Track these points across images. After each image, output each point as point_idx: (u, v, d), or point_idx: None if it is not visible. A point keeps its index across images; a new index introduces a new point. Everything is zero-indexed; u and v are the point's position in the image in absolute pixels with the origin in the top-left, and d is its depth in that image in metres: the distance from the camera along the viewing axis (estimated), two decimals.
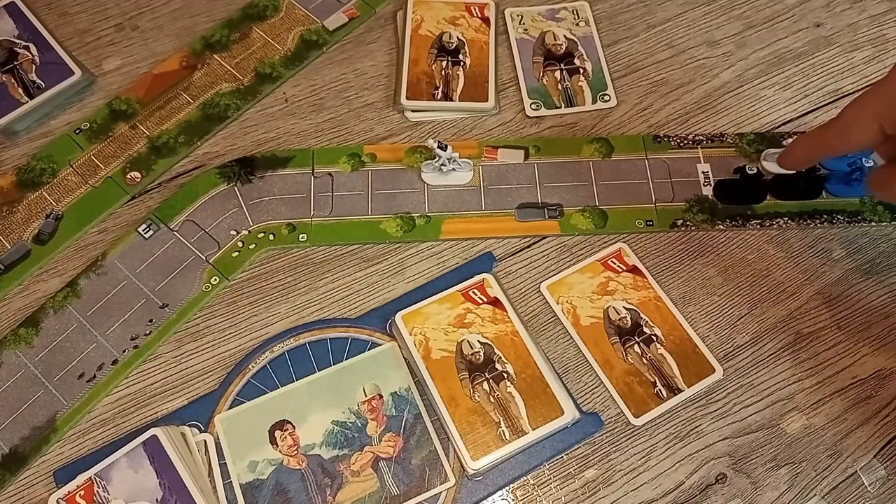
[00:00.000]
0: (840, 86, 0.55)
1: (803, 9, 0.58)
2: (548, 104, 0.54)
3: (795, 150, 0.45)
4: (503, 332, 0.45)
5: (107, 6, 0.59)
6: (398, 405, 0.44)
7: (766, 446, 0.43)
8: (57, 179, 0.51)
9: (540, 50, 0.56)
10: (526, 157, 0.52)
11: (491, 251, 0.49)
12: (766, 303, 0.47)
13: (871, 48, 0.56)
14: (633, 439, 0.44)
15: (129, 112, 0.54)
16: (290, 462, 0.43)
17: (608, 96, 0.54)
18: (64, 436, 0.44)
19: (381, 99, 0.55)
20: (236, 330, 0.47)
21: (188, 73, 0.55)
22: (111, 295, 0.47)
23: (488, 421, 0.43)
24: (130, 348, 0.46)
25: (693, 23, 0.58)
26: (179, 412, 0.44)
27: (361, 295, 0.48)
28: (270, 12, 0.58)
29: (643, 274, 0.48)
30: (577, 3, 0.58)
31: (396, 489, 0.42)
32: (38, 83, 0.53)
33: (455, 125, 0.54)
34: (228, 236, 0.49)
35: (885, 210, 0.49)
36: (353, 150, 0.52)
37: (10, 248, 0.49)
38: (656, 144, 0.52)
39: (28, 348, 0.46)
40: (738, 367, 0.45)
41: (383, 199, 0.50)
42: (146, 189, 0.52)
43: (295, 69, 0.56)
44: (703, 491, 0.42)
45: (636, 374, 0.45)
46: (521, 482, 0.43)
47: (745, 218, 0.49)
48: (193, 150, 0.53)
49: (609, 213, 0.50)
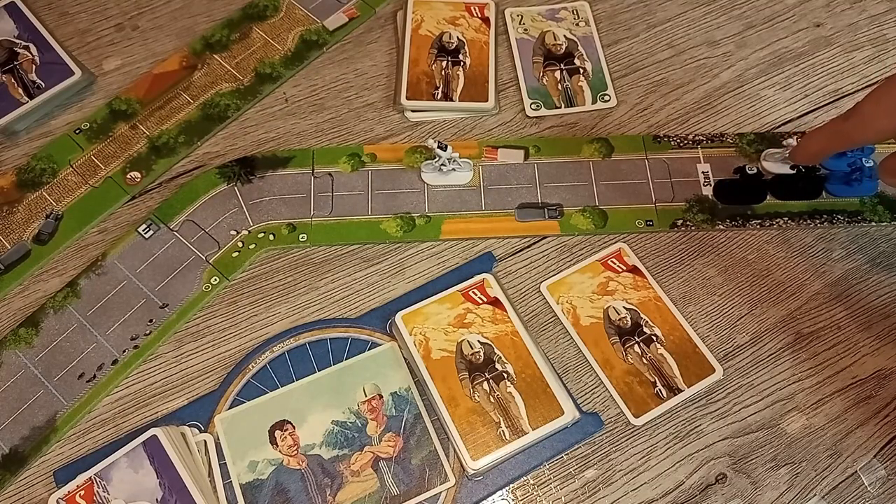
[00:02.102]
0: (840, 86, 0.55)
1: (803, 9, 0.58)
2: (548, 104, 0.54)
3: (810, 143, 0.45)
4: (503, 332, 0.45)
5: (107, 6, 0.59)
6: (398, 405, 0.44)
7: (766, 446, 0.43)
8: (57, 179, 0.51)
9: (540, 50, 0.56)
10: (526, 157, 0.52)
11: (491, 251, 0.49)
12: (766, 303, 0.47)
13: (871, 48, 0.56)
14: (633, 439, 0.44)
15: (129, 112, 0.54)
16: (290, 462, 0.43)
17: (608, 96, 0.54)
18: (64, 436, 0.44)
19: (381, 99, 0.55)
20: (236, 330, 0.47)
21: (188, 73, 0.55)
22: (111, 295, 0.47)
23: (488, 421, 0.43)
24: (130, 348, 0.46)
25: (693, 23, 0.58)
26: (179, 412, 0.44)
27: (361, 295, 0.48)
28: (270, 12, 0.58)
29: (643, 274, 0.48)
30: (577, 3, 0.58)
31: (396, 489, 0.42)
32: (38, 83, 0.53)
33: (455, 125, 0.54)
34: (228, 236, 0.49)
35: (885, 210, 0.49)
36: (353, 150, 0.52)
37: (10, 248, 0.49)
38: (656, 144, 0.52)
39: (28, 348, 0.46)
40: (738, 367, 0.45)
41: (383, 199, 0.50)
42: (146, 189, 0.52)
43: (295, 69, 0.56)
44: (703, 491, 0.42)
45: (636, 374, 0.45)
46: (521, 482, 0.43)
47: (745, 218, 0.49)
48: (193, 150, 0.53)
49: (609, 213, 0.50)
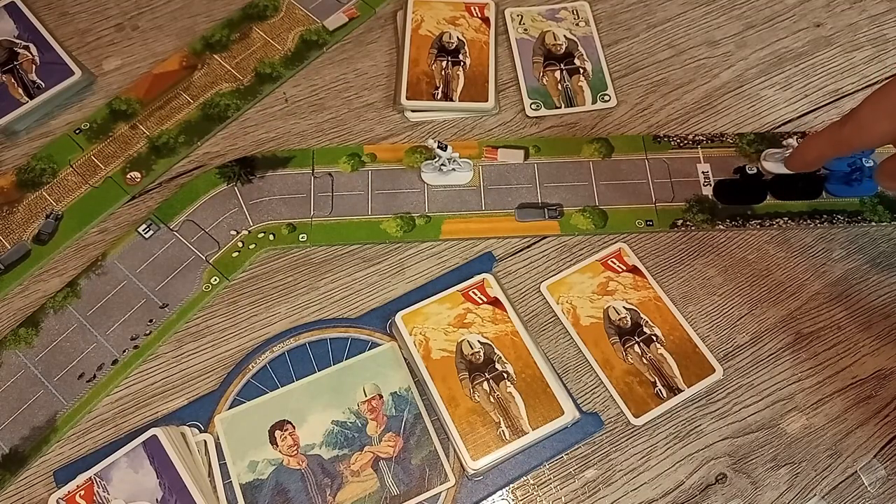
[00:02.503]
0: (840, 86, 0.55)
1: (803, 9, 0.58)
2: (548, 104, 0.54)
3: (807, 150, 0.45)
4: (503, 332, 0.45)
5: (107, 6, 0.59)
6: (398, 405, 0.44)
7: (766, 446, 0.43)
8: (57, 179, 0.51)
9: (540, 50, 0.56)
10: (526, 157, 0.52)
11: (491, 251, 0.49)
12: (766, 303, 0.47)
13: (871, 48, 0.56)
14: (633, 439, 0.44)
15: (129, 112, 0.54)
16: (290, 462, 0.43)
17: (608, 96, 0.54)
18: (64, 436, 0.44)
19: (381, 99, 0.55)
20: (236, 330, 0.47)
21: (188, 73, 0.55)
22: (111, 295, 0.47)
23: (488, 421, 0.43)
24: (130, 348, 0.46)
25: (693, 23, 0.58)
26: (179, 412, 0.44)
27: (361, 295, 0.48)
28: (270, 12, 0.58)
29: (643, 274, 0.48)
30: (577, 3, 0.58)
31: (396, 489, 0.42)
32: (38, 83, 0.53)
33: (455, 125, 0.54)
34: (228, 236, 0.49)
35: (885, 210, 0.49)
36: (353, 150, 0.52)
37: (10, 248, 0.49)
38: (656, 144, 0.52)
39: (28, 348, 0.46)
40: (738, 367, 0.45)
41: (383, 199, 0.50)
42: (146, 189, 0.52)
43: (295, 69, 0.56)
44: (703, 491, 0.42)
45: (636, 374, 0.45)
46: (521, 482, 0.43)
47: (745, 218, 0.49)
48: (193, 150, 0.53)
49: (609, 213, 0.50)
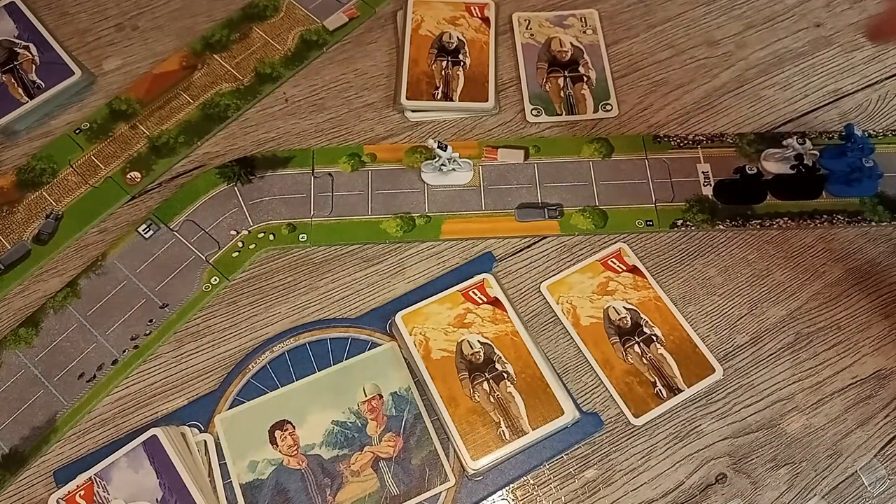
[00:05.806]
0: (840, 86, 0.55)
1: (803, 9, 0.58)
2: (549, 111, 0.54)
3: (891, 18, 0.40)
4: (503, 332, 0.45)
5: (107, 6, 0.59)
6: (398, 405, 0.44)
7: (766, 446, 0.43)
8: (57, 179, 0.51)
9: (545, 56, 0.56)
10: (526, 157, 0.52)
11: (491, 251, 0.49)
12: (766, 303, 0.47)
13: (871, 48, 0.56)
14: (633, 439, 0.44)
15: (129, 112, 0.54)
16: (290, 462, 0.43)
17: (610, 106, 0.54)
18: (64, 436, 0.44)
19: (381, 99, 0.55)
20: (236, 330, 0.47)
21: (188, 73, 0.55)
22: (111, 295, 0.47)
23: (488, 421, 0.43)
24: (130, 348, 0.46)
25: (693, 23, 0.58)
26: (179, 412, 0.44)
27: (361, 295, 0.48)
28: (270, 12, 0.58)
29: (643, 274, 0.48)
30: (586, 10, 0.58)
31: (396, 489, 0.42)
32: (38, 83, 0.53)
33: (455, 125, 0.54)
34: (228, 236, 0.49)
35: (885, 210, 0.49)
36: (353, 150, 0.52)
37: (10, 248, 0.49)
38: (656, 144, 0.52)
39: (28, 348, 0.46)
40: (738, 367, 0.45)
41: (383, 199, 0.50)
42: (146, 189, 0.52)
43: (295, 69, 0.56)
44: (703, 491, 0.42)
45: (636, 374, 0.45)
46: (521, 482, 0.43)
47: (745, 218, 0.49)
48: (193, 150, 0.53)
49: (609, 213, 0.50)
